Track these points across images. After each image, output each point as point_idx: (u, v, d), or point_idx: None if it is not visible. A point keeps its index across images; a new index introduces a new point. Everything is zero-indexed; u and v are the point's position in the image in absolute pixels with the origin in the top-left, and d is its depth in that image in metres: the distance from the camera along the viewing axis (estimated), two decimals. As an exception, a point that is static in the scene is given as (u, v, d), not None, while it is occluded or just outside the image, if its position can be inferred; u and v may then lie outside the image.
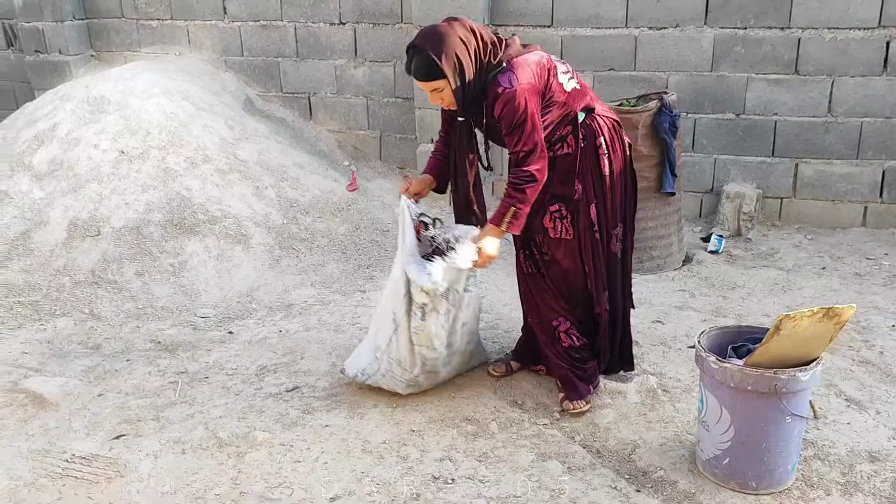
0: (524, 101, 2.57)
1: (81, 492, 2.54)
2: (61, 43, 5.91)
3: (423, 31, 2.70)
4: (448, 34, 2.60)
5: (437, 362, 3.00)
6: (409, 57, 2.67)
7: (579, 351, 2.95)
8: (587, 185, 2.83)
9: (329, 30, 5.43)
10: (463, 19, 2.69)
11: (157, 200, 4.46)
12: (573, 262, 2.88)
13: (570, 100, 2.76)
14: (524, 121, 2.59)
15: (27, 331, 3.75)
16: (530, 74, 2.62)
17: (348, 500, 2.47)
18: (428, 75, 2.62)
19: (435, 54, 2.56)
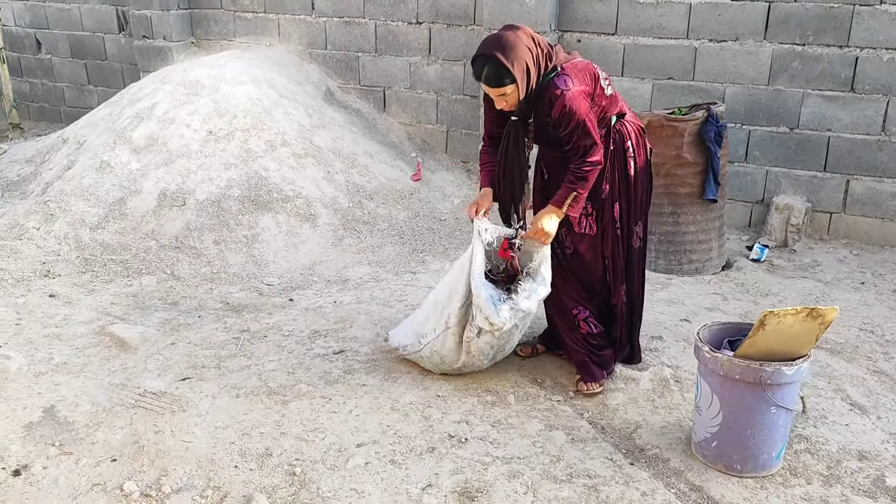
0: (580, 101, 2.84)
1: (149, 421, 2.96)
2: (166, 30, 6.48)
3: (489, 39, 2.89)
4: (516, 43, 2.81)
5: (476, 368, 3.28)
6: (479, 65, 2.86)
7: (596, 338, 3.20)
8: (614, 184, 3.08)
9: (406, 28, 5.79)
10: (524, 27, 2.93)
11: (237, 178, 4.92)
12: (594, 256, 3.14)
13: (607, 104, 3.02)
14: (582, 119, 2.84)
15: (117, 285, 4.26)
16: (581, 79, 2.89)
17: (372, 447, 2.81)
18: (499, 82, 2.83)
19: (507, 60, 2.78)
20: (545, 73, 2.89)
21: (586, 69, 2.96)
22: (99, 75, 7.26)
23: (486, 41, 2.90)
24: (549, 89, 2.86)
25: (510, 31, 2.89)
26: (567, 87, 2.84)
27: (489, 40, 2.89)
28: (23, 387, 3.18)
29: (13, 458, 2.71)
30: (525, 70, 2.82)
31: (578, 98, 2.85)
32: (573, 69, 2.91)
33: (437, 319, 3.23)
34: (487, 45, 2.87)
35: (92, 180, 4.94)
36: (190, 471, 2.66)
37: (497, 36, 2.88)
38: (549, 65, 2.89)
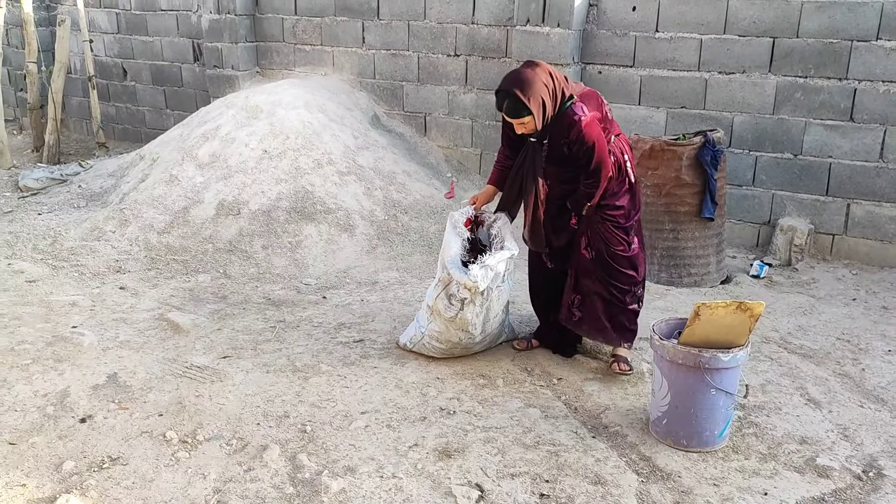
0: (595, 126, 3.30)
1: (192, 387, 3.52)
2: (234, 60, 7.22)
3: (510, 76, 3.28)
4: (533, 80, 3.21)
5: (472, 342, 3.75)
6: (501, 99, 3.27)
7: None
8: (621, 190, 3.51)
9: (445, 60, 6.35)
10: (542, 63, 3.34)
11: (286, 191, 5.53)
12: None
13: (609, 126, 3.48)
14: (595, 142, 3.28)
15: (176, 281, 4.89)
16: (594, 107, 3.35)
17: (373, 415, 3.30)
18: (517, 114, 3.25)
19: (524, 96, 3.18)
20: (562, 101, 3.31)
21: (595, 97, 3.43)
22: (175, 100, 8.07)
23: (507, 77, 3.30)
24: (568, 115, 3.28)
25: (529, 68, 3.29)
26: (584, 114, 3.28)
27: (510, 77, 3.29)
28: (92, 358, 3.80)
29: (81, 409, 3.31)
30: (541, 104, 3.22)
31: (593, 123, 3.30)
32: (586, 98, 3.37)
33: (425, 306, 3.74)
34: (508, 81, 3.27)
35: (161, 191, 5.64)
36: (220, 425, 3.21)
37: (517, 73, 3.28)
38: (566, 94, 3.32)
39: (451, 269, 3.59)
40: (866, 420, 3.29)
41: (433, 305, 3.65)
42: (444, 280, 3.62)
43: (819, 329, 4.22)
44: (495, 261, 3.54)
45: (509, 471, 2.90)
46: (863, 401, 3.45)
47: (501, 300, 3.76)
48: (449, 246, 3.68)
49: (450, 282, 3.57)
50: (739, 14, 5.13)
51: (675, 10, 5.33)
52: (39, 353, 3.81)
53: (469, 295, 3.55)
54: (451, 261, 3.63)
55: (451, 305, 3.59)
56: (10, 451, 3.00)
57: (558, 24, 5.54)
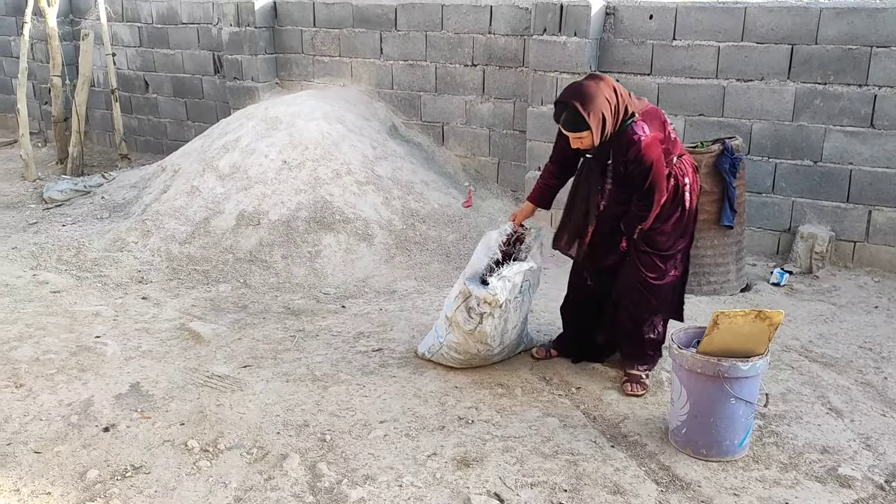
0: (653, 147, 3.19)
1: (213, 396, 3.56)
2: (254, 72, 7.29)
3: (572, 88, 3.18)
4: (595, 94, 3.10)
5: (490, 353, 3.76)
6: (559, 110, 3.17)
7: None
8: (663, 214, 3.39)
9: (463, 70, 6.38)
10: (606, 78, 3.23)
11: (305, 201, 5.58)
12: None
13: (671, 146, 3.37)
14: (653, 163, 3.19)
15: (198, 291, 4.95)
16: (655, 126, 3.24)
17: (392, 424, 3.32)
18: (575, 128, 3.16)
19: (584, 111, 3.08)
20: (623, 119, 3.20)
21: (657, 116, 3.31)
22: (196, 112, 8.16)
23: (568, 89, 3.21)
24: (627, 134, 3.17)
25: (592, 81, 3.19)
26: (644, 133, 3.17)
27: (572, 88, 3.20)
28: (115, 367, 3.85)
29: (105, 418, 3.36)
30: (601, 119, 3.12)
31: (653, 144, 3.19)
32: (648, 116, 3.24)
33: (443, 317, 3.75)
34: (569, 93, 3.17)
35: (183, 202, 5.71)
36: (241, 434, 3.24)
37: (579, 85, 3.19)
38: (628, 111, 3.20)
39: (469, 285, 3.59)
40: (889, 429, 3.26)
41: (452, 317, 3.66)
42: (463, 293, 3.63)
43: (840, 337, 4.18)
44: (513, 272, 3.55)
45: (528, 480, 2.91)
46: (885, 410, 3.42)
47: (520, 312, 3.76)
48: (474, 262, 3.68)
49: (469, 295, 3.58)
50: (757, 21, 5.12)
51: (692, 17, 5.32)
52: (64, 362, 3.87)
53: (489, 309, 3.54)
54: (471, 276, 3.64)
55: (470, 318, 3.60)
56: (35, 459, 3.05)
57: (575, 34, 5.55)
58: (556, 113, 3.22)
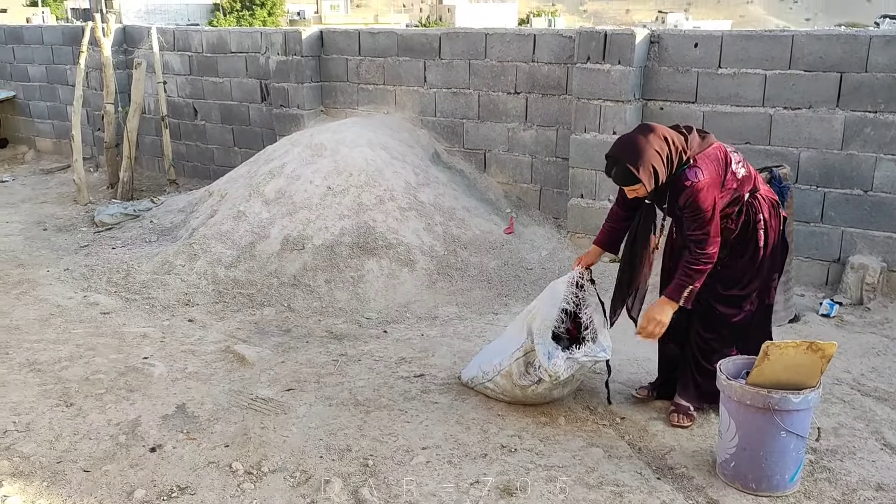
0: (707, 194, 3.07)
1: (257, 419, 3.59)
2: (300, 100, 7.43)
3: (622, 142, 3.14)
4: (645, 148, 3.06)
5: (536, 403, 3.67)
6: (610, 166, 3.14)
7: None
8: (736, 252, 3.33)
9: (505, 98, 6.42)
10: (657, 127, 3.15)
11: (349, 227, 5.64)
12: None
13: (740, 186, 3.24)
14: (705, 211, 3.09)
15: (243, 314, 5.02)
16: (712, 170, 3.12)
17: (434, 450, 3.31)
18: (626, 182, 3.14)
19: (633, 167, 3.05)
20: (679, 165, 3.12)
21: (718, 159, 3.17)
22: (243, 138, 8.33)
23: (618, 143, 3.18)
24: (681, 179, 3.10)
25: (642, 134, 3.14)
26: (696, 179, 3.07)
27: (621, 143, 3.17)
28: (162, 388, 3.91)
29: (151, 438, 3.41)
30: (652, 172, 3.07)
31: (705, 190, 3.08)
32: (705, 160, 3.13)
33: (497, 361, 3.67)
34: (618, 148, 3.15)
35: (229, 227, 5.81)
36: (284, 457, 3.25)
37: (628, 140, 3.15)
38: (683, 158, 3.12)
39: (537, 346, 3.47)
40: (947, 467, 3.15)
41: (508, 368, 3.57)
42: (526, 348, 3.54)
43: (894, 371, 4.07)
44: (585, 358, 3.44)
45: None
46: (943, 447, 3.31)
47: (578, 382, 3.65)
48: (543, 314, 3.55)
49: (532, 350, 3.51)
50: (805, 49, 5.07)
51: (738, 46, 5.30)
52: (113, 382, 3.95)
53: (548, 378, 3.47)
54: (541, 335, 3.50)
55: (526, 374, 3.53)
56: (84, 478, 3.10)
57: (619, 62, 5.55)
58: (606, 167, 3.20)
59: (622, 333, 3.85)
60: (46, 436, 3.42)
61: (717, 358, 3.25)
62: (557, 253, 5.91)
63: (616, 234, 3.63)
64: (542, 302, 3.66)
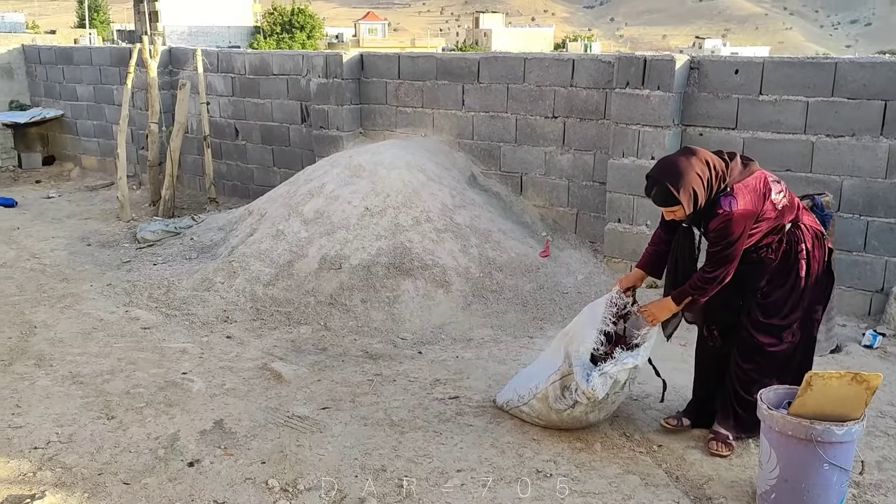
0: (737, 224, 3.09)
1: (293, 437, 3.62)
2: (339, 122, 7.54)
3: (664, 164, 3.17)
4: (686, 170, 3.08)
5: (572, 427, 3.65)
6: (650, 186, 3.18)
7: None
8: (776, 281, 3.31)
9: (543, 122, 6.45)
10: (699, 151, 3.17)
11: (385, 247, 5.68)
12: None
13: (779, 215, 3.24)
14: (731, 240, 3.12)
15: (280, 332, 5.07)
16: (749, 200, 3.12)
17: (469, 473, 3.30)
18: (666, 203, 3.16)
19: (674, 188, 3.07)
20: (718, 190, 3.14)
21: (756, 189, 3.16)
22: (282, 159, 8.46)
23: (660, 164, 3.22)
24: (715, 206, 3.12)
25: (684, 157, 3.16)
26: (730, 209, 3.08)
27: (663, 165, 3.20)
28: (200, 404, 3.96)
29: (189, 453, 3.45)
30: (692, 195, 3.09)
31: (738, 220, 3.09)
32: (742, 190, 3.12)
33: (533, 385, 3.66)
34: (660, 169, 3.17)
35: (268, 245, 5.89)
36: (320, 476, 3.27)
37: (671, 162, 3.17)
38: (723, 185, 3.14)
39: (575, 369, 3.46)
40: None
41: (544, 391, 3.55)
42: (563, 372, 3.52)
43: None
44: (616, 370, 3.42)
45: (608, 538, 2.84)
46: None
47: (616, 403, 3.63)
48: (581, 337, 3.55)
49: (569, 374, 3.49)
50: (849, 77, 5.03)
51: (780, 72, 5.27)
52: (152, 397, 4.01)
53: (585, 400, 3.45)
54: (579, 357, 3.49)
55: (562, 398, 3.51)
56: (124, 490, 3.15)
57: (658, 87, 5.55)
58: (647, 187, 3.24)
59: (660, 361, 3.81)
60: (88, 448, 3.49)
61: (756, 388, 3.21)
62: (594, 277, 5.88)
63: (659, 257, 3.63)
64: (579, 325, 3.66)
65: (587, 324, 3.61)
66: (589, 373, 3.44)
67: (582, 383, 3.41)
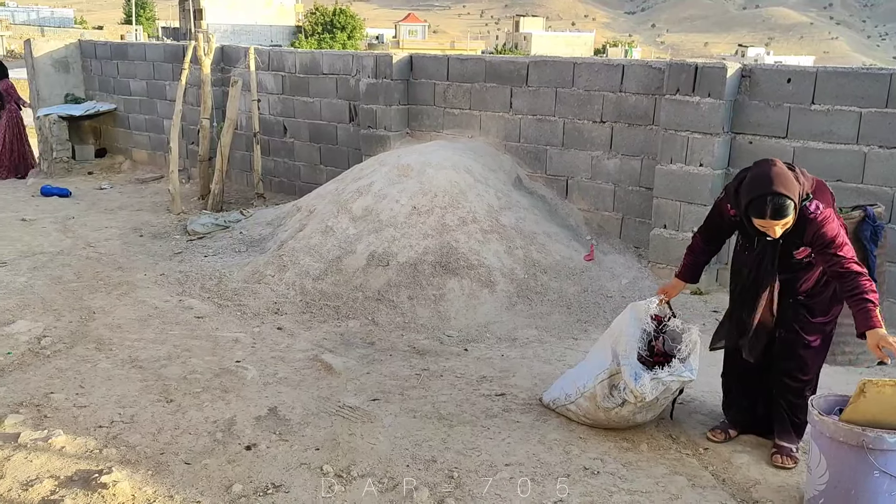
0: (832, 221, 3.16)
1: (345, 426, 3.72)
2: (387, 122, 7.66)
3: (768, 178, 3.12)
4: (789, 177, 3.12)
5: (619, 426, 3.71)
6: (764, 202, 3.09)
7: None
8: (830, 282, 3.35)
9: (591, 126, 6.49)
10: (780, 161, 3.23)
11: (432, 246, 5.77)
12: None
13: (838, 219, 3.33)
14: (838, 234, 3.14)
15: (329, 325, 5.19)
16: (827, 199, 3.25)
17: (517, 467, 3.37)
18: (784, 215, 3.12)
19: (791, 194, 3.09)
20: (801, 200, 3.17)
21: (827, 190, 3.27)
22: (329, 157, 8.61)
23: (761, 181, 3.14)
24: (803, 214, 3.15)
25: (777, 167, 3.17)
26: (819, 210, 3.15)
27: (764, 179, 3.13)
28: (254, 391, 4.09)
29: (246, 437, 3.57)
30: (797, 205, 3.13)
31: (830, 218, 3.16)
32: (818, 192, 3.22)
33: (581, 384, 3.73)
34: (775, 183, 3.10)
35: (317, 241, 6.02)
36: (372, 464, 3.37)
37: (779, 174, 3.14)
38: (806, 193, 3.18)
39: (623, 367, 3.52)
40: None
41: (591, 390, 3.62)
42: (611, 371, 3.58)
43: None
44: (671, 379, 3.48)
45: (656, 535, 2.89)
46: None
47: (664, 405, 3.67)
48: (627, 336, 3.61)
49: (617, 373, 3.55)
50: (903, 88, 5.00)
51: (833, 82, 5.26)
52: (208, 382, 4.15)
53: (633, 400, 3.51)
54: (627, 357, 3.55)
55: (610, 396, 3.57)
56: (185, 469, 3.28)
57: (709, 94, 5.57)
58: (759, 206, 3.14)
59: (706, 366, 3.84)
60: (149, 428, 3.63)
61: (806, 389, 3.34)
62: (638, 282, 5.91)
63: (698, 267, 3.73)
64: (623, 323, 3.71)
65: (632, 323, 3.67)
66: (637, 372, 3.49)
67: (630, 382, 3.46)
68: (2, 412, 3.72)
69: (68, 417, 3.71)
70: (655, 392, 3.47)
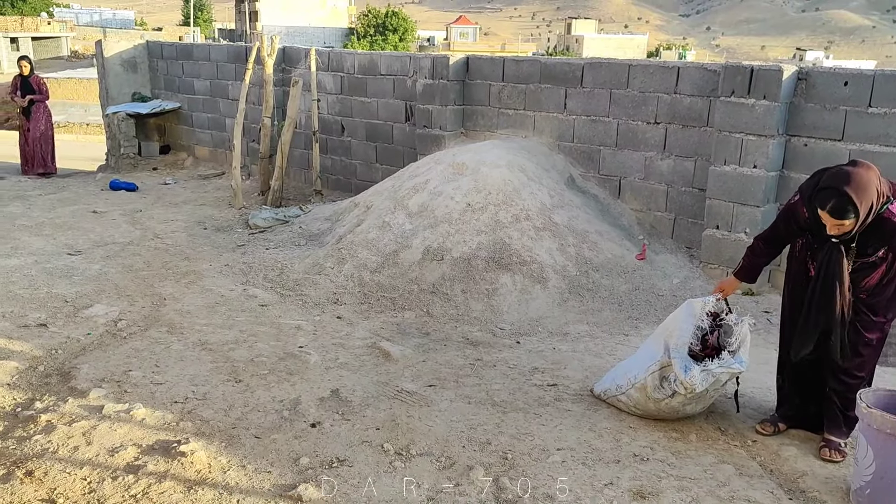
0: None
1: (403, 409, 3.90)
2: (443, 121, 7.84)
3: (842, 175, 3.10)
4: (868, 184, 3.08)
5: (669, 417, 3.82)
6: (827, 196, 3.09)
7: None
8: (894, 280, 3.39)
9: (644, 127, 6.58)
10: (872, 166, 3.19)
11: (485, 242, 5.93)
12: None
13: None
14: None
15: (385, 315, 5.39)
16: None
17: (569, 452, 3.51)
18: (842, 216, 3.11)
19: (857, 200, 3.06)
20: (881, 204, 3.15)
21: None
22: (385, 155, 8.84)
23: (838, 175, 3.14)
24: (885, 218, 3.15)
25: (862, 168, 3.14)
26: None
27: (842, 176, 3.12)
28: (317, 374, 4.30)
29: (311, 416, 3.78)
30: (869, 208, 3.12)
31: None
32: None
33: (632, 375, 3.85)
34: (841, 180, 3.10)
35: (375, 235, 6.23)
36: (430, 444, 3.54)
37: (851, 173, 3.12)
38: (887, 197, 3.16)
39: (674, 360, 3.63)
40: None
41: (643, 381, 3.73)
42: (662, 363, 3.69)
43: None
44: (720, 370, 3.57)
45: (704, 518, 3.00)
46: None
47: (714, 397, 3.76)
48: (680, 331, 3.71)
49: (668, 365, 3.66)
50: (963, 91, 4.99)
51: (891, 85, 5.26)
52: (274, 365, 4.38)
53: (683, 391, 3.61)
54: (678, 350, 3.65)
55: (661, 388, 3.68)
56: (256, 443, 3.49)
57: (765, 97, 5.61)
58: (822, 199, 3.15)
59: (756, 363, 3.93)
60: (221, 405, 3.86)
61: (861, 384, 3.38)
62: (689, 282, 5.98)
63: (758, 269, 3.81)
64: (678, 319, 3.81)
65: (686, 319, 3.77)
66: (687, 364, 3.60)
67: (680, 374, 3.57)
68: (86, 386, 4.00)
69: (146, 393, 3.96)
70: (705, 383, 3.57)
